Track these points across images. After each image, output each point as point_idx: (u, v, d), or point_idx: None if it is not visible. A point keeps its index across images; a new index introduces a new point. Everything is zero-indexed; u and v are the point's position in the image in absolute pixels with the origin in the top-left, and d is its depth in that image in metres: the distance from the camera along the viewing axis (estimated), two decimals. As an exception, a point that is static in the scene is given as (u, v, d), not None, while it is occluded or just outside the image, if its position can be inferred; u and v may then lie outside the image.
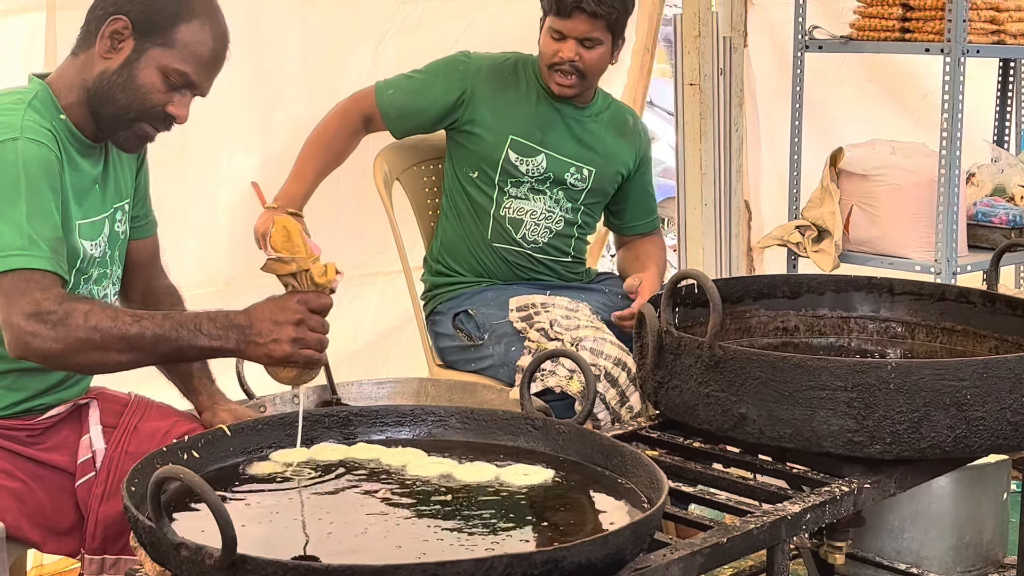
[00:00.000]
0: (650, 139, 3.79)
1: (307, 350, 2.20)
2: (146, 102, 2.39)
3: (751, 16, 5.08)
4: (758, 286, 2.84)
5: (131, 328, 2.20)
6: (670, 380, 2.38)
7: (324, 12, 4.02)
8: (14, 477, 2.41)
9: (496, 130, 3.49)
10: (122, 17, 2.37)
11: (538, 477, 2.08)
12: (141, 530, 1.74)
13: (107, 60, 2.39)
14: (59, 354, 2.19)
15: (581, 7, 3.35)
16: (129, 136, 2.45)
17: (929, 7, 4.33)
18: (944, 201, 4.30)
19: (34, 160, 2.26)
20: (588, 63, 3.43)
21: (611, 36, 3.43)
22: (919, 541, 3.28)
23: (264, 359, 2.22)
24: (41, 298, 2.18)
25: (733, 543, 1.95)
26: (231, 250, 3.93)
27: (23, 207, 2.22)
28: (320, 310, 2.22)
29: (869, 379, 2.18)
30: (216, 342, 2.21)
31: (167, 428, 2.54)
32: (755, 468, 2.36)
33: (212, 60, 2.42)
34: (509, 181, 3.50)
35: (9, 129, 2.27)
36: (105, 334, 2.18)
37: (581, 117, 3.57)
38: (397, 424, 2.30)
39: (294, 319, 2.19)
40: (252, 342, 2.20)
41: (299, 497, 2.04)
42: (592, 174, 3.56)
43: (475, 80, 3.49)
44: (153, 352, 2.22)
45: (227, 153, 3.87)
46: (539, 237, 3.55)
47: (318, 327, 2.21)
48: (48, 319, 2.17)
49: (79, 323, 2.17)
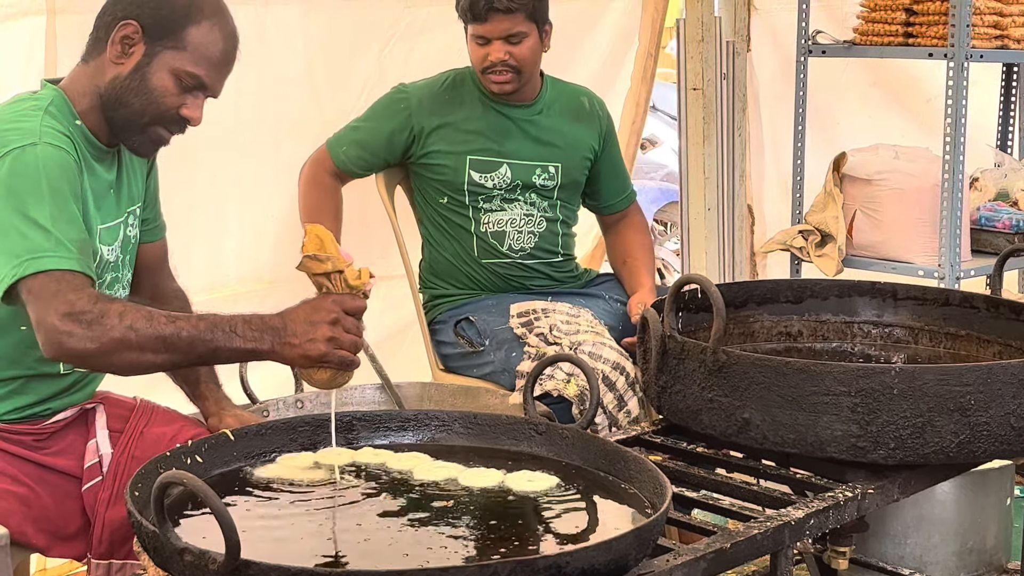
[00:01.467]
0: (609, 113, 3.74)
1: (342, 351, 2.18)
2: (159, 105, 2.39)
3: (754, 21, 5.08)
4: (761, 291, 2.84)
5: (166, 328, 2.18)
6: (673, 385, 2.38)
7: (329, 19, 4.03)
8: (19, 482, 2.41)
9: (453, 155, 3.47)
10: (132, 22, 2.37)
11: (543, 483, 2.08)
12: (144, 535, 1.75)
13: (119, 65, 2.39)
14: (94, 354, 2.17)
15: (494, 7, 3.34)
16: (143, 140, 2.45)
17: (933, 12, 4.33)
18: (947, 206, 4.30)
19: (55, 164, 2.26)
20: (519, 58, 3.41)
21: (534, 25, 3.42)
22: (922, 546, 3.28)
23: (299, 360, 2.19)
24: (75, 298, 2.16)
25: (736, 548, 1.95)
26: (239, 256, 3.93)
27: (47, 210, 2.21)
28: (355, 312, 2.20)
29: (873, 384, 2.18)
30: (251, 344, 2.19)
31: (173, 433, 2.54)
32: (758, 473, 2.36)
33: (223, 60, 2.43)
34: (480, 198, 3.49)
35: (28, 134, 2.27)
36: (140, 334, 2.16)
37: (532, 115, 3.55)
38: (400, 429, 2.30)
39: (329, 319, 2.17)
40: (287, 343, 2.18)
41: (304, 502, 2.04)
42: (559, 169, 3.55)
43: (419, 113, 3.47)
44: (189, 353, 2.20)
45: (234, 160, 3.87)
46: (525, 244, 3.54)
47: (353, 328, 2.19)
48: (82, 319, 2.15)
49: (114, 323, 2.16)
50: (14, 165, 2.23)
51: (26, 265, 2.18)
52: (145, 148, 2.48)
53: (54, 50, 3.36)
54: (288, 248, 3.95)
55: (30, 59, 3.37)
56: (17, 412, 2.44)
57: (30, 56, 3.37)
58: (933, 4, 4.33)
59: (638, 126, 4.96)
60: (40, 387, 2.45)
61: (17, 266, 2.18)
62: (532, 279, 3.57)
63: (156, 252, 2.71)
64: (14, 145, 2.24)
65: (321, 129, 3.59)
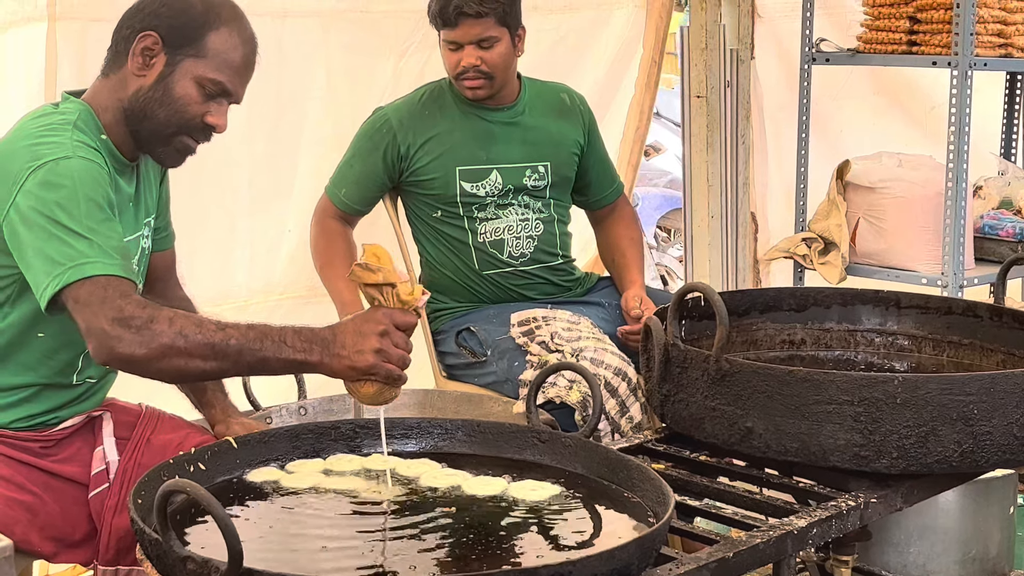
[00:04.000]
0: (590, 108, 3.70)
1: (389, 364, 2.18)
2: (184, 114, 2.40)
3: (758, 29, 5.08)
4: (764, 299, 2.84)
5: (216, 336, 2.17)
6: (676, 393, 2.38)
7: (345, 31, 4.04)
8: (25, 490, 2.41)
9: (441, 168, 3.46)
10: (151, 33, 2.37)
11: (545, 492, 2.08)
12: (147, 543, 1.75)
13: (141, 77, 2.39)
14: (143, 359, 2.16)
15: (463, 12, 3.33)
16: (169, 151, 2.45)
17: (936, 20, 4.33)
18: (951, 214, 4.30)
19: (90, 175, 2.26)
20: (491, 64, 3.39)
21: (506, 29, 3.40)
22: (925, 555, 3.27)
23: (346, 371, 2.19)
24: (123, 304, 2.16)
25: (739, 557, 1.95)
26: (249, 268, 3.93)
27: (86, 218, 2.21)
28: (405, 327, 2.20)
29: (876, 393, 2.18)
30: (300, 354, 2.18)
31: (180, 440, 2.54)
32: (761, 482, 2.36)
33: (244, 65, 2.43)
34: (473, 208, 3.48)
35: (60, 148, 2.27)
36: (190, 340, 2.16)
37: (514, 118, 3.54)
38: (403, 436, 2.30)
39: (378, 330, 2.17)
40: (336, 355, 2.18)
41: (309, 510, 2.04)
42: (549, 168, 3.54)
43: (401, 132, 3.46)
44: (237, 361, 2.19)
45: (248, 172, 3.87)
46: (525, 249, 3.53)
47: (401, 343, 2.19)
48: (132, 324, 2.15)
49: (163, 328, 2.15)
50: (48, 176, 2.23)
51: (70, 272, 2.18)
52: (172, 158, 2.48)
53: (54, 56, 3.37)
54: (302, 262, 3.97)
55: (31, 65, 3.38)
56: (26, 420, 2.44)
57: (31, 62, 3.38)
58: (937, 12, 4.33)
59: (642, 133, 4.96)
60: (52, 397, 2.45)
61: (60, 274, 2.18)
62: (532, 287, 3.57)
63: (165, 261, 2.71)
64: (47, 158, 2.24)
65: (338, 142, 3.58)
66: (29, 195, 2.22)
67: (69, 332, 2.35)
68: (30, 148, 2.27)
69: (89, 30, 3.39)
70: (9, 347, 2.39)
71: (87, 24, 3.40)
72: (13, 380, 2.41)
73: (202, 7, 2.39)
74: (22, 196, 2.23)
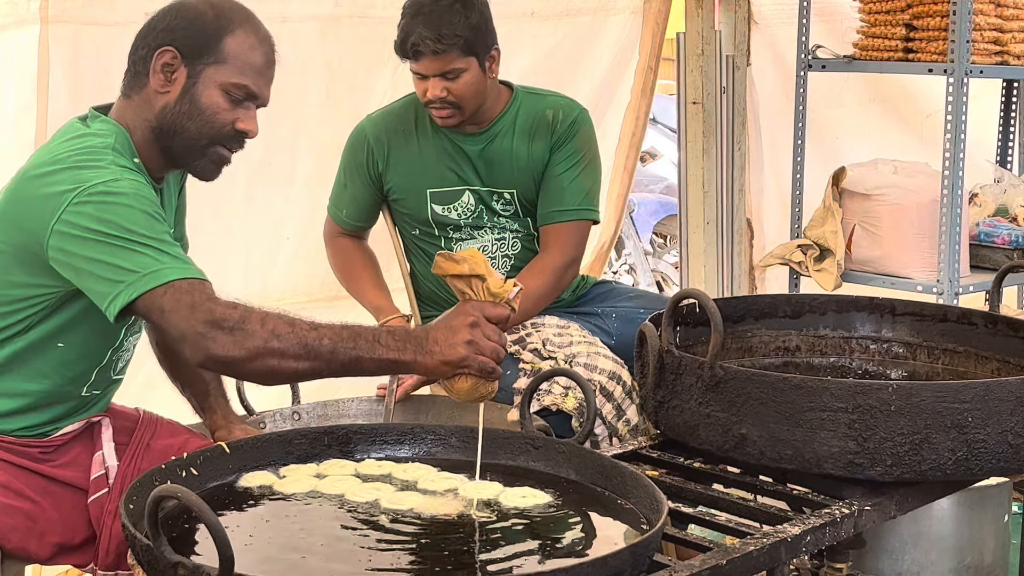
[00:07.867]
0: (582, 127, 3.45)
1: (482, 356, 2.15)
2: (215, 124, 2.38)
3: (754, 35, 5.08)
4: (759, 306, 2.84)
5: (309, 335, 2.15)
6: (671, 400, 2.38)
7: (344, 36, 4.03)
8: (24, 496, 2.40)
9: (412, 190, 3.43)
10: (168, 48, 2.35)
11: (537, 499, 2.08)
12: (139, 548, 1.74)
13: (165, 94, 2.37)
14: (238, 360, 2.14)
15: (420, 50, 3.25)
16: (205, 163, 2.43)
17: (932, 27, 4.34)
18: (946, 221, 4.30)
19: (138, 193, 2.24)
20: (457, 94, 3.29)
21: (473, 58, 3.28)
22: (920, 563, 3.27)
23: (439, 367, 2.17)
24: (213, 306, 2.15)
25: (732, 565, 1.94)
26: (246, 276, 3.92)
27: (149, 231, 2.20)
28: (496, 319, 2.17)
29: (870, 400, 2.18)
30: (394, 353, 2.16)
31: (179, 445, 2.54)
32: (755, 489, 2.36)
33: (265, 65, 2.43)
34: (448, 228, 3.45)
35: (106, 172, 2.25)
36: (283, 340, 2.14)
37: (484, 143, 3.43)
38: (397, 442, 2.30)
39: (468, 322, 2.15)
40: (429, 351, 2.16)
41: (301, 516, 2.03)
42: (514, 195, 3.45)
43: (378, 149, 3.43)
44: (330, 361, 2.17)
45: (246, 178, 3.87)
46: (502, 269, 3.47)
47: (493, 336, 2.16)
48: (224, 325, 2.13)
49: (256, 328, 2.14)
50: (104, 197, 2.20)
51: (146, 280, 2.16)
52: (208, 171, 2.45)
53: (47, 59, 3.37)
54: (301, 268, 3.96)
55: (23, 68, 3.37)
56: (27, 430, 2.43)
57: (23, 65, 3.37)
58: (933, 20, 4.33)
59: (638, 139, 4.96)
60: (57, 408, 2.44)
61: (134, 283, 2.16)
62: None
63: None
64: (94, 181, 2.22)
65: (336, 148, 3.57)
66: (82, 215, 2.19)
67: (88, 344, 2.35)
68: (71, 172, 2.24)
69: (82, 33, 3.39)
70: (26, 352, 2.37)
71: (80, 27, 3.40)
72: (24, 386, 2.40)
73: (213, 14, 2.38)
74: (72, 216, 2.19)
